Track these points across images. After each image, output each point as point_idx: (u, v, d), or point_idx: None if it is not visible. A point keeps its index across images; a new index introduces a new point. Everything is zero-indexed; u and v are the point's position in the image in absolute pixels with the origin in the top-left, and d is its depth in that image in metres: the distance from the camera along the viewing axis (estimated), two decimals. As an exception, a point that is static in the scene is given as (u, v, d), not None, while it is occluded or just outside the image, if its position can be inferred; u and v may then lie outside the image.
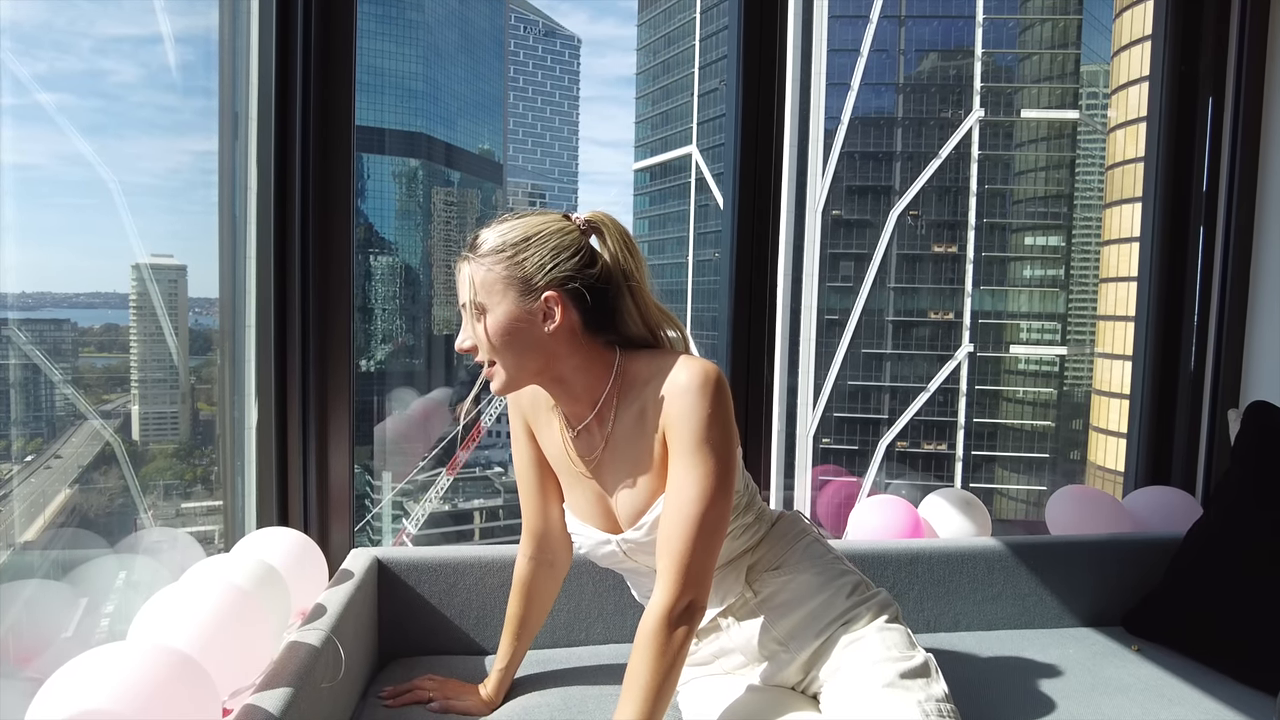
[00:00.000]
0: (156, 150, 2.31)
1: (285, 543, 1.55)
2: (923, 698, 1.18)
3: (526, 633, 1.50)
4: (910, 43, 29.62)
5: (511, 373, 1.25)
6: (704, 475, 1.19)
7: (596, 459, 1.32)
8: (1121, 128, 25.64)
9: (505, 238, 1.23)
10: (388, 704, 1.46)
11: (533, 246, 1.23)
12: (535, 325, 1.23)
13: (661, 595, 1.18)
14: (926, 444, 28.43)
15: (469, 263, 1.25)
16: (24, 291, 1.90)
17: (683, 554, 1.18)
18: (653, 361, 1.27)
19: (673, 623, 1.17)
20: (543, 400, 1.38)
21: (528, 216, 1.28)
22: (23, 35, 1.62)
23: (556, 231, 1.25)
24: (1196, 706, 1.53)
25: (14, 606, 1.27)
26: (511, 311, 1.22)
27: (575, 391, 1.29)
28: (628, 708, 1.15)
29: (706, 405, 1.19)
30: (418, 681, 1.50)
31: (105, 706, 0.93)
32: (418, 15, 32.73)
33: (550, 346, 1.24)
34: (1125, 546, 1.95)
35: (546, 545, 1.48)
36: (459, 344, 1.28)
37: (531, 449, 1.44)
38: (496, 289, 1.22)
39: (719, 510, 1.20)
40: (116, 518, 2.43)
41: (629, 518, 1.31)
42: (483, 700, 1.46)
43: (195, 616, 1.14)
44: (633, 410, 1.27)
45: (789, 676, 1.33)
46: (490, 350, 1.23)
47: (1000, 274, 29.14)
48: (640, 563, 1.34)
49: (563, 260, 1.23)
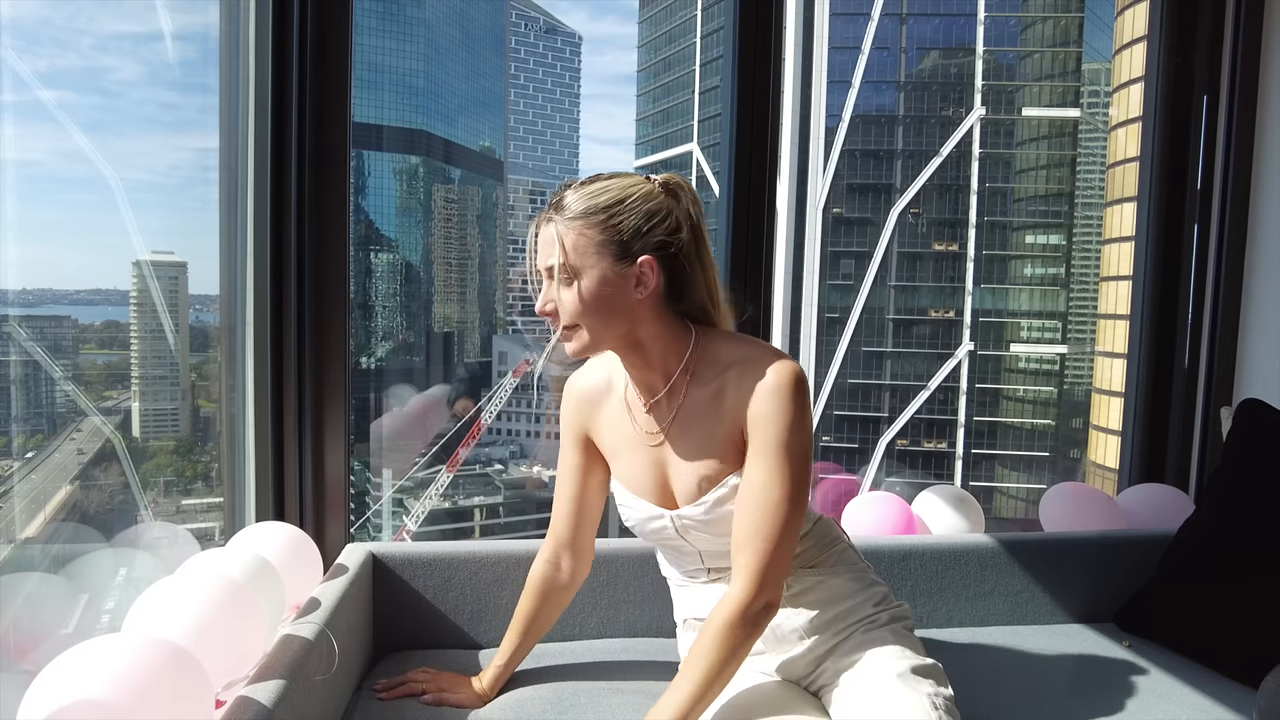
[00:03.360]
0: (157, 147, 2.32)
1: (280, 537, 1.56)
2: (932, 692, 1.21)
3: (531, 634, 1.50)
4: (911, 40, 29.55)
5: (595, 336, 1.24)
6: (789, 476, 1.21)
7: (664, 430, 1.32)
8: (1122, 126, 25.60)
9: (596, 200, 1.22)
10: (381, 696, 1.46)
11: (626, 210, 1.22)
12: (626, 290, 1.23)
13: (741, 592, 1.20)
14: (926, 442, 28.39)
15: (555, 225, 1.23)
16: (25, 288, 1.91)
17: (765, 553, 1.20)
18: (736, 347, 1.28)
19: (750, 620, 1.20)
20: (603, 388, 1.39)
21: (613, 179, 1.26)
22: (23, 32, 1.62)
23: (645, 195, 1.24)
24: (1186, 702, 1.54)
25: (14, 601, 1.28)
26: (605, 276, 1.21)
27: (651, 360, 1.30)
28: (686, 685, 1.17)
29: (795, 408, 1.22)
30: (412, 674, 1.50)
31: (99, 697, 0.94)
32: (418, 12, 32.69)
33: (636, 312, 1.24)
34: (1117, 543, 1.96)
35: (568, 555, 1.48)
36: (540, 307, 1.26)
37: (578, 456, 1.43)
38: (590, 252, 1.21)
39: (800, 510, 1.23)
40: (117, 514, 2.44)
41: (688, 494, 1.32)
42: (476, 693, 1.46)
43: (189, 609, 1.15)
44: (709, 389, 1.27)
45: (798, 668, 1.35)
46: (577, 314, 1.22)
47: (1001, 272, 29.09)
48: (689, 541, 1.35)
49: (656, 224, 1.23)
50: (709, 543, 1.34)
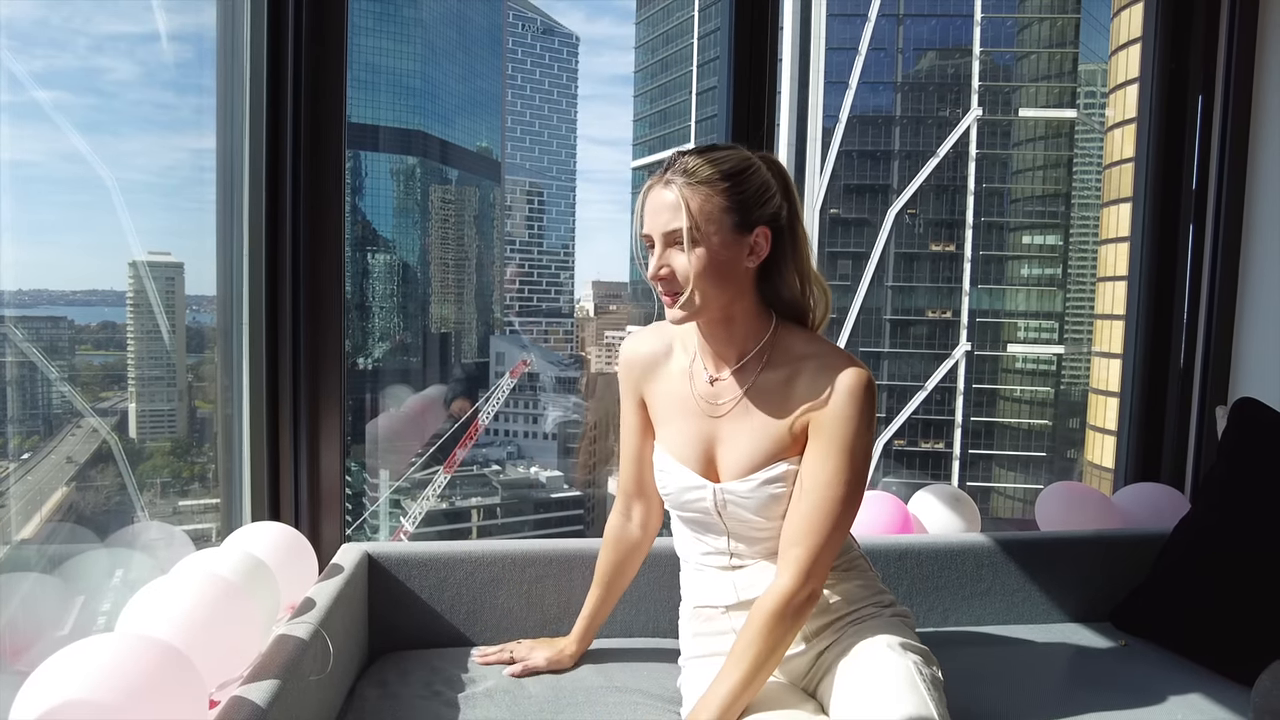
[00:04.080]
0: (153, 147, 2.32)
1: (274, 537, 1.56)
2: (919, 661, 1.25)
3: (613, 589, 1.57)
4: (908, 41, 29.58)
5: (704, 302, 1.26)
6: (849, 478, 1.25)
7: (726, 406, 1.34)
8: (1119, 127, 25.64)
9: (722, 166, 1.24)
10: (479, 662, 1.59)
11: (750, 179, 1.25)
12: (740, 258, 1.26)
13: (788, 581, 1.25)
14: (924, 442, 28.42)
15: (677, 188, 1.23)
16: (21, 289, 1.90)
17: (816, 546, 1.25)
18: (812, 342, 1.32)
19: (795, 611, 1.25)
20: (662, 355, 1.42)
21: (726, 150, 1.28)
22: (19, 32, 1.62)
23: (756, 168, 1.27)
24: (1182, 701, 1.54)
25: (9, 602, 1.27)
26: (726, 242, 1.24)
27: (735, 334, 1.32)
28: (734, 673, 1.23)
29: (866, 413, 1.25)
30: (510, 645, 1.61)
31: (91, 698, 0.93)
32: (415, 12, 32.66)
33: (742, 282, 1.28)
34: (1113, 543, 1.97)
35: (639, 504, 1.54)
36: (654, 271, 1.26)
37: (639, 417, 1.47)
38: (714, 217, 1.23)
39: (853, 510, 1.28)
40: (114, 516, 2.44)
41: (736, 469, 1.33)
42: (557, 651, 1.55)
43: (182, 609, 1.15)
44: (781, 374, 1.30)
45: (799, 666, 1.38)
46: (693, 279, 1.23)
47: (998, 273, 29.13)
48: (724, 518, 1.35)
49: (768, 197, 1.26)
50: (742, 524, 1.34)
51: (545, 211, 38.05)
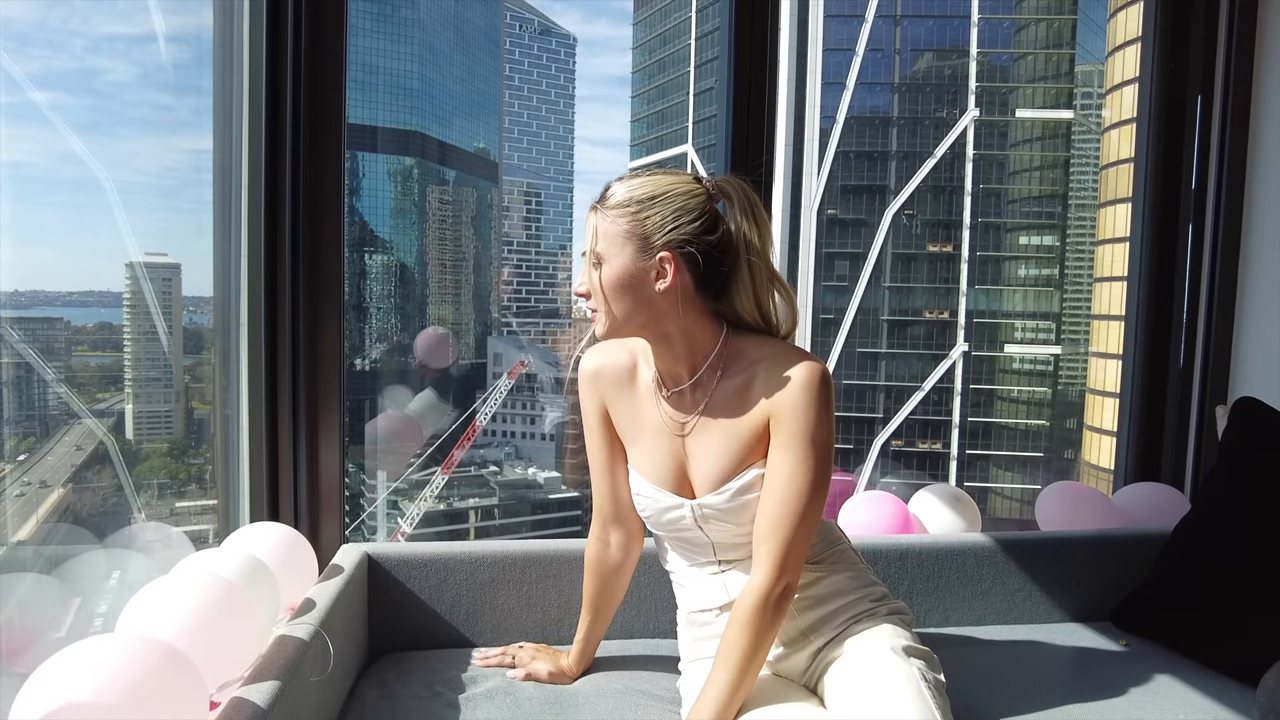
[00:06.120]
0: (150, 148, 2.32)
1: (274, 537, 1.55)
2: (923, 667, 1.25)
3: (601, 612, 1.56)
4: (905, 42, 29.59)
5: (618, 321, 1.29)
6: (812, 468, 1.26)
7: (690, 423, 1.35)
8: (1116, 128, 25.68)
9: (633, 193, 1.27)
10: (478, 664, 1.57)
11: (657, 205, 1.27)
12: (647, 282, 1.27)
13: (762, 578, 1.25)
14: (921, 443, 28.43)
15: (596, 213, 1.29)
16: (17, 290, 1.90)
17: (786, 541, 1.25)
18: (764, 343, 1.32)
19: (772, 604, 1.25)
20: (626, 371, 1.42)
21: (660, 175, 1.31)
22: (16, 34, 1.62)
23: (684, 194, 1.28)
24: (1183, 700, 1.54)
25: (6, 603, 1.27)
26: (626, 266, 1.27)
27: (678, 352, 1.33)
28: (722, 675, 1.24)
29: (822, 403, 1.27)
30: (511, 648, 1.60)
31: (91, 699, 0.93)
32: (413, 13, 32.63)
33: (659, 305, 1.29)
34: (1113, 542, 1.97)
35: (616, 530, 1.52)
36: (576, 287, 1.33)
37: (605, 433, 1.46)
38: (616, 242, 1.27)
39: (821, 501, 1.28)
40: (111, 517, 2.43)
41: (708, 483, 1.34)
42: (559, 668, 1.54)
43: (183, 609, 1.15)
44: (736, 381, 1.31)
45: (797, 663, 1.38)
46: (602, 299, 1.28)
47: (995, 273, 29.14)
48: (705, 531, 1.36)
49: (683, 223, 1.27)
50: (725, 533, 1.35)
51: (543, 212, 38.01)
